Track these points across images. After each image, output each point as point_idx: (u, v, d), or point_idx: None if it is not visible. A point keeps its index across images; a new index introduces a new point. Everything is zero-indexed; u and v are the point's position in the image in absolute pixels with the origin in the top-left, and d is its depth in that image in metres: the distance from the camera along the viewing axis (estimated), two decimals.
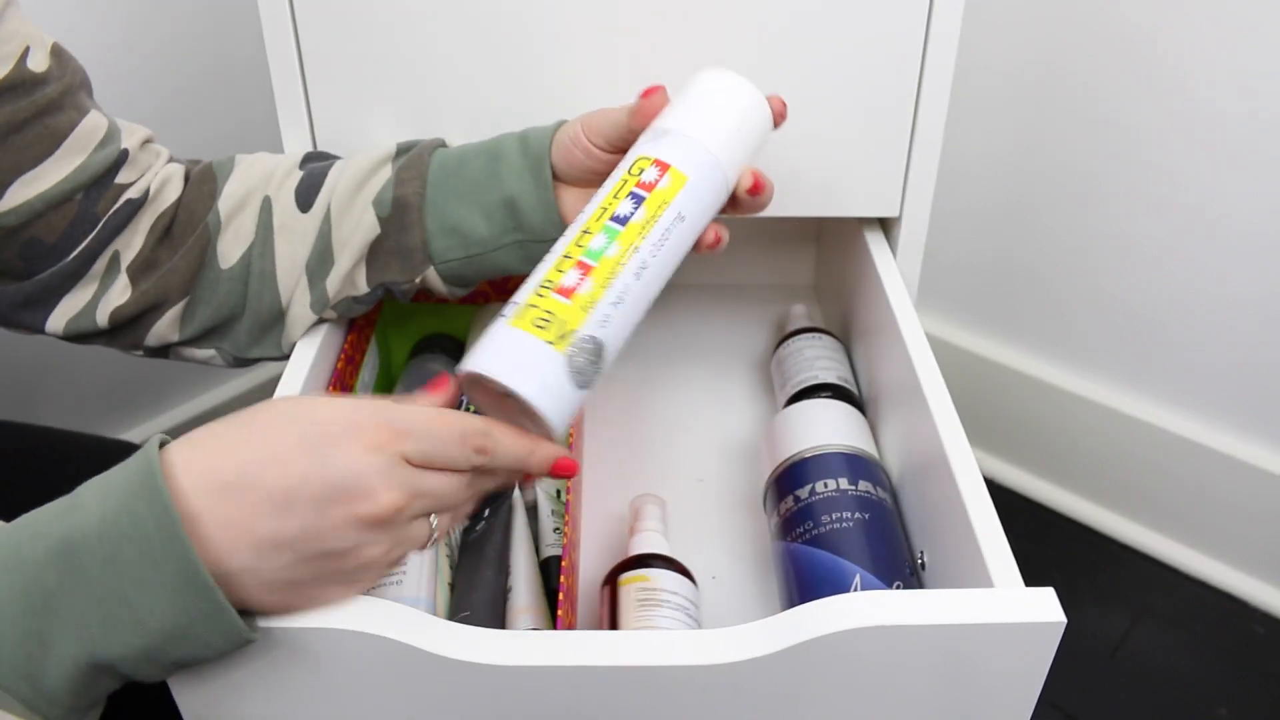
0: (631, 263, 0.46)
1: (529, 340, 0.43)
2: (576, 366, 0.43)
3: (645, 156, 0.48)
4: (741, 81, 0.51)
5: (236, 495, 0.38)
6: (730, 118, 0.51)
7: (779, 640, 0.41)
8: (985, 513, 0.47)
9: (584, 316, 0.44)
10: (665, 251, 0.47)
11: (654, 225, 0.47)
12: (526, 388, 0.42)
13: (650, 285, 0.47)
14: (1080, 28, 0.98)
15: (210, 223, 0.59)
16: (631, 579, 0.56)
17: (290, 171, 0.60)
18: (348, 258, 0.57)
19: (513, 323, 0.44)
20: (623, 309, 0.45)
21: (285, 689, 0.43)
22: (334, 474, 0.39)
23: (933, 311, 1.24)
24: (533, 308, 0.44)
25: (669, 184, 0.47)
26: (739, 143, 0.51)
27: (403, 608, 0.42)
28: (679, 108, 0.51)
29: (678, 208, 0.47)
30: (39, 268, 0.56)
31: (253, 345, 0.61)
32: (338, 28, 0.63)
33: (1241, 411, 1.03)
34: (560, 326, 0.43)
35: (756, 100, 0.52)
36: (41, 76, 0.54)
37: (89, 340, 0.60)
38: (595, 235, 0.46)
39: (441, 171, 0.56)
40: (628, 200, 0.47)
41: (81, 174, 0.55)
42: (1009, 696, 0.44)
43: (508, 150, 0.56)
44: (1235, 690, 0.99)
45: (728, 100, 0.51)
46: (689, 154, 0.48)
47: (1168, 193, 0.99)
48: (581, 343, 0.44)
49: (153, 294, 0.58)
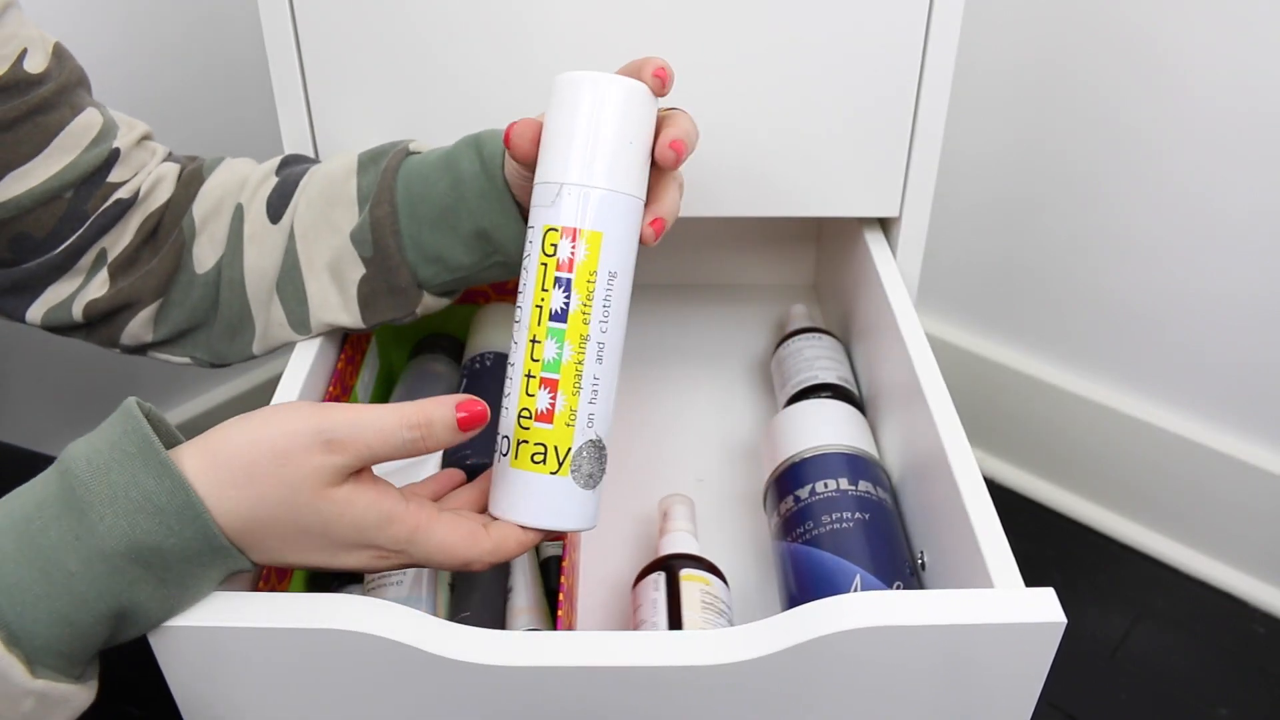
0: (588, 355, 0.47)
1: (534, 481, 0.47)
2: (584, 475, 0.47)
3: (553, 227, 0.46)
4: (604, 83, 0.46)
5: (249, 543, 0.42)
6: (611, 134, 0.46)
7: (779, 640, 0.41)
8: (985, 513, 0.47)
9: (571, 433, 0.47)
10: (614, 318, 0.47)
11: (593, 304, 0.46)
12: (549, 523, 0.47)
13: (612, 356, 0.48)
14: (1080, 27, 0.98)
15: (185, 227, 0.59)
16: (694, 578, 0.56)
17: (266, 178, 0.60)
18: (324, 286, 0.57)
19: (514, 464, 0.47)
20: (600, 395, 0.47)
21: (285, 689, 0.43)
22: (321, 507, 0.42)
23: (933, 311, 1.24)
24: (524, 444, 0.47)
25: (587, 251, 0.46)
26: (633, 155, 0.47)
27: (403, 608, 0.42)
28: (558, 144, 0.47)
29: (606, 268, 0.46)
30: (27, 260, 0.57)
31: (226, 349, 0.61)
32: (338, 28, 0.63)
33: (1241, 411, 1.03)
34: (555, 455, 0.47)
35: (628, 92, 0.47)
36: (37, 77, 0.54)
37: (67, 332, 0.60)
38: (545, 344, 0.46)
39: (408, 197, 0.55)
40: (557, 291, 0.46)
41: (71, 172, 0.55)
42: (1009, 697, 0.44)
43: (468, 173, 0.54)
44: (1235, 690, 0.99)
45: (600, 114, 0.46)
46: (593, 206, 0.46)
47: (1168, 192, 0.99)
48: (579, 456, 0.47)
49: (127, 292, 0.58)
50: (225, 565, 0.41)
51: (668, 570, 0.56)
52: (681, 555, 0.58)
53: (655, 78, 0.47)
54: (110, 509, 0.38)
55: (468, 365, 0.73)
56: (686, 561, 0.57)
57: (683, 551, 0.58)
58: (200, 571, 0.41)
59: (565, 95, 0.47)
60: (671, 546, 0.59)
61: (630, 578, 0.62)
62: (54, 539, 0.38)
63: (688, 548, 0.59)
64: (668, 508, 0.63)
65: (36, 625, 0.38)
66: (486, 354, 0.72)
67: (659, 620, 0.53)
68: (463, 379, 0.72)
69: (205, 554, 0.40)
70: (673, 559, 0.57)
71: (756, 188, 0.69)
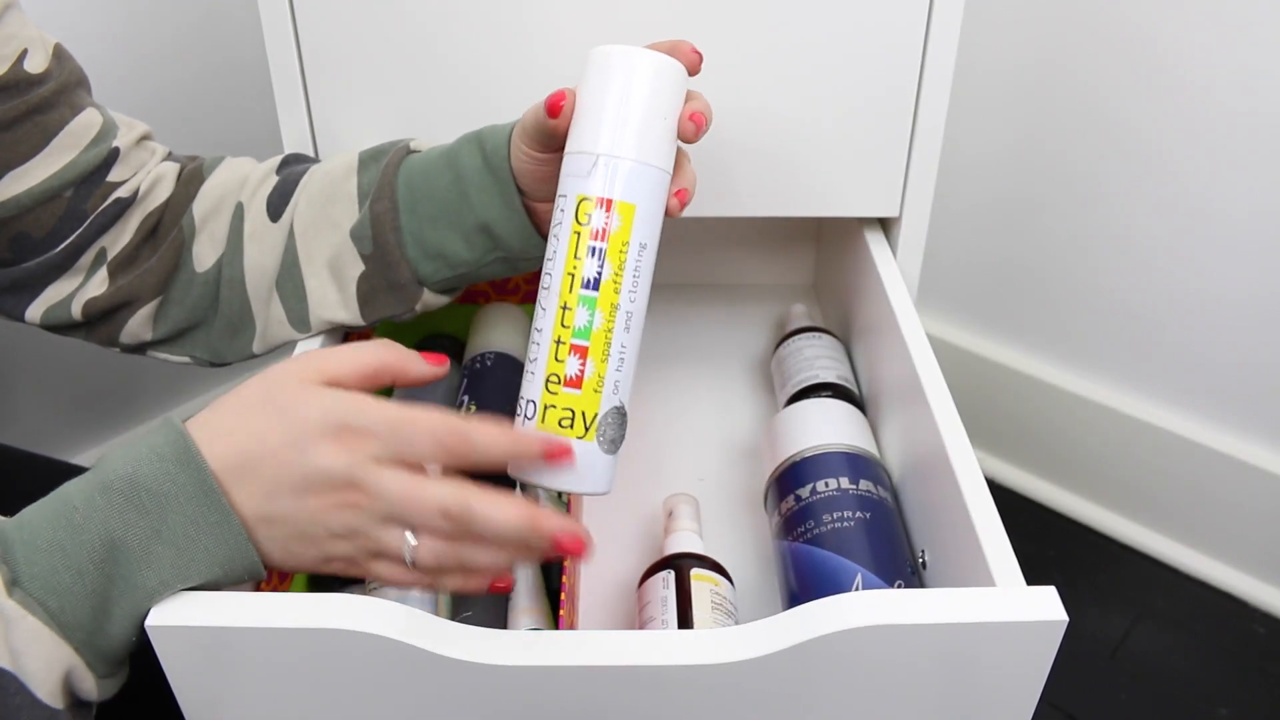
0: (618, 323, 0.47)
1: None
2: (608, 440, 0.48)
3: (586, 197, 0.47)
4: (639, 57, 0.48)
5: (239, 477, 0.42)
6: (646, 108, 0.47)
7: (780, 640, 0.41)
8: (986, 512, 0.47)
9: (599, 399, 0.47)
10: (641, 288, 0.48)
11: (624, 273, 0.47)
12: (572, 486, 0.47)
13: (638, 325, 0.49)
14: (1080, 27, 0.98)
15: (185, 225, 0.59)
16: (703, 578, 0.56)
17: (266, 177, 0.60)
18: (323, 282, 0.57)
19: (540, 427, 0.47)
20: (625, 364, 0.48)
21: (285, 689, 0.43)
22: (310, 470, 0.42)
23: (933, 311, 1.24)
24: (551, 408, 0.47)
25: (620, 222, 0.47)
26: (665, 129, 0.48)
27: (403, 608, 0.42)
28: (594, 115, 0.48)
29: (637, 240, 0.47)
30: (27, 259, 0.57)
31: (226, 348, 0.61)
32: (338, 28, 0.63)
33: (1241, 411, 1.03)
34: (582, 420, 0.47)
35: (665, 68, 0.48)
36: (37, 77, 0.54)
37: (66, 331, 0.60)
38: (576, 311, 0.47)
39: (409, 193, 0.56)
40: (590, 259, 0.47)
41: (70, 171, 0.55)
42: (1010, 696, 0.44)
43: (470, 167, 0.54)
44: (1235, 690, 0.99)
45: (637, 88, 0.47)
46: (627, 178, 0.47)
47: (1168, 192, 0.99)
48: (604, 422, 0.47)
49: (126, 290, 0.58)
50: (216, 526, 0.41)
51: (677, 569, 0.56)
52: (690, 555, 0.58)
53: (693, 55, 0.49)
54: (122, 454, 0.42)
55: (468, 365, 0.73)
56: (695, 561, 0.57)
57: (691, 551, 0.58)
58: (193, 532, 0.41)
59: (602, 68, 0.48)
60: (678, 546, 0.59)
61: (632, 576, 0.62)
62: (73, 487, 0.42)
63: (694, 547, 0.59)
64: (673, 507, 0.63)
65: (32, 550, 0.40)
66: (487, 354, 0.72)
67: (669, 618, 0.53)
68: (463, 379, 0.72)
69: (196, 498, 0.41)
70: (681, 558, 0.57)
71: (757, 188, 0.69)
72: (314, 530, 0.42)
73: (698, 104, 0.49)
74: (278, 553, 0.43)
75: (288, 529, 0.42)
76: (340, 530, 0.42)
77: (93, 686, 0.41)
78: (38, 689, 0.39)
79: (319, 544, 0.43)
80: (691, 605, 0.54)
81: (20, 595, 0.39)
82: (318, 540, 0.43)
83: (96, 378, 1.07)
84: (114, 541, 0.40)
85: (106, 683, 0.42)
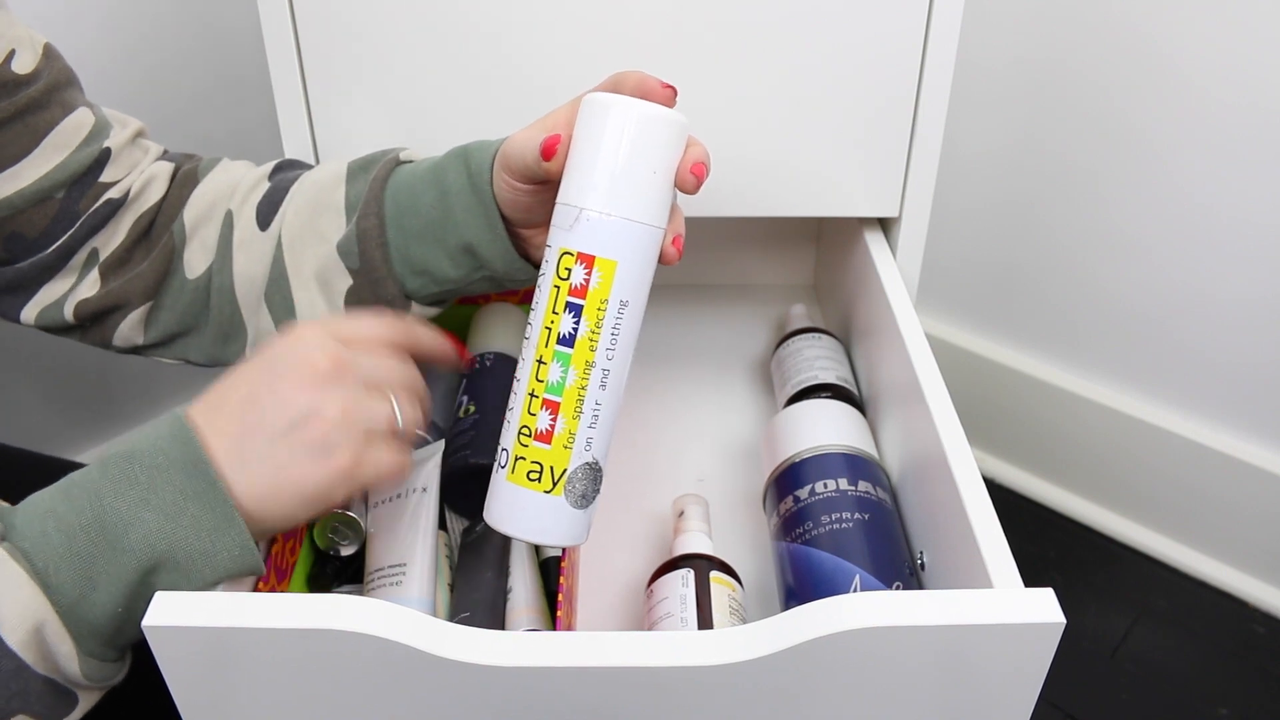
0: (592, 380, 0.47)
1: (527, 496, 0.48)
2: (576, 495, 0.48)
3: (568, 251, 0.46)
4: (630, 109, 0.45)
5: (220, 410, 0.45)
6: (634, 163, 0.45)
7: (779, 640, 0.41)
8: (985, 513, 0.47)
9: (568, 455, 0.47)
10: (620, 347, 0.47)
11: (600, 332, 0.46)
12: (539, 539, 0.48)
13: (616, 382, 0.48)
14: (1080, 27, 0.98)
15: (176, 231, 0.59)
16: (722, 581, 0.56)
17: (257, 183, 0.60)
18: (311, 295, 0.57)
19: (510, 478, 0.48)
20: (600, 420, 0.47)
21: (285, 689, 0.43)
22: (278, 351, 0.46)
23: (933, 311, 1.24)
24: (521, 460, 0.47)
25: (600, 279, 0.46)
26: (655, 183, 0.46)
27: (403, 608, 0.42)
28: (581, 168, 0.46)
29: (618, 297, 0.46)
30: (21, 260, 0.57)
31: (219, 353, 0.61)
32: (338, 28, 0.63)
33: (1241, 411, 1.03)
34: (550, 475, 0.47)
35: (653, 119, 0.46)
36: (25, 78, 0.54)
37: (61, 333, 0.61)
38: (550, 366, 0.47)
39: (396, 209, 0.55)
40: (567, 315, 0.46)
41: (61, 172, 0.55)
42: (1009, 697, 0.44)
43: (455, 186, 0.53)
44: (1235, 690, 0.99)
45: (625, 141, 0.45)
46: (609, 234, 0.46)
47: (1168, 192, 0.99)
48: (573, 478, 0.47)
49: (117, 293, 0.58)
50: (202, 495, 0.43)
51: (695, 569, 0.56)
52: (707, 556, 0.57)
53: (664, 91, 0.48)
54: (126, 437, 0.44)
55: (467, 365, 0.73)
56: (711, 564, 0.57)
57: (705, 553, 0.58)
58: (181, 501, 0.43)
59: (594, 117, 0.46)
60: (691, 546, 0.59)
61: (632, 574, 0.62)
62: (77, 471, 0.44)
63: (707, 549, 0.59)
64: (685, 507, 0.63)
65: (29, 515, 0.42)
66: (487, 354, 0.72)
67: (688, 616, 0.53)
68: (462, 379, 0.72)
69: (185, 469, 0.43)
70: (698, 558, 0.57)
71: (756, 188, 0.69)
72: (305, 435, 0.44)
73: (697, 151, 0.47)
74: (264, 489, 0.45)
75: (273, 452, 0.44)
76: (334, 415, 0.45)
77: (72, 653, 0.42)
78: (8, 635, 0.40)
79: (313, 460, 0.45)
80: (712, 607, 0.54)
81: (8, 547, 0.41)
82: (310, 451, 0.45)
83: (97, 377, 1.07)
84: (104, 507, 0.42)
85: (93, 662, 0.43)
